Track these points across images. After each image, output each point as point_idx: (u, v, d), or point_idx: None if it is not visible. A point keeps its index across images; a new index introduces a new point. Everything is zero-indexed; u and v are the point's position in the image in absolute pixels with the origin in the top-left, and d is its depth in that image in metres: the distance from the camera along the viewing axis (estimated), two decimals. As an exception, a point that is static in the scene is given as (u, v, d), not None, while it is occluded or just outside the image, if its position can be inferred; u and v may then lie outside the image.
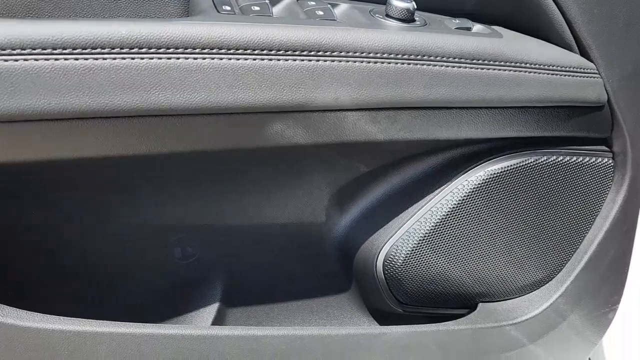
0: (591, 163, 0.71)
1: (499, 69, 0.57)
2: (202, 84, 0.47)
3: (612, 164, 0.72)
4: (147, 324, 0.57)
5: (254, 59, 0.48)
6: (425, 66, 0.54)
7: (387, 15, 0.58)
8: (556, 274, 0.76)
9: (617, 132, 0.70)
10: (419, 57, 0.53)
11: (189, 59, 0.46)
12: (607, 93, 0.66)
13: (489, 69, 0.57)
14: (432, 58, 0.54)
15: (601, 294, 0.79)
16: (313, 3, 0.57)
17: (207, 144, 0.51)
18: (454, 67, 0.55)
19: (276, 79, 0.49)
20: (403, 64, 0.53)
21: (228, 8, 0.52)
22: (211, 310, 0.72)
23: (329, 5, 0.56)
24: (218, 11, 0.51)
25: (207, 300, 0.72)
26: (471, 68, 0.56)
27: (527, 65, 0.59)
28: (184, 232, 0.68)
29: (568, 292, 0.76)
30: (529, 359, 0.78)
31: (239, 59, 0.48)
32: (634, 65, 0.67)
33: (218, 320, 0.72)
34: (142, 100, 0.45)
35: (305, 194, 0.69)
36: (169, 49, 0.45)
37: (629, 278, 0.82)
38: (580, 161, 0.70)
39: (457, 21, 0.61)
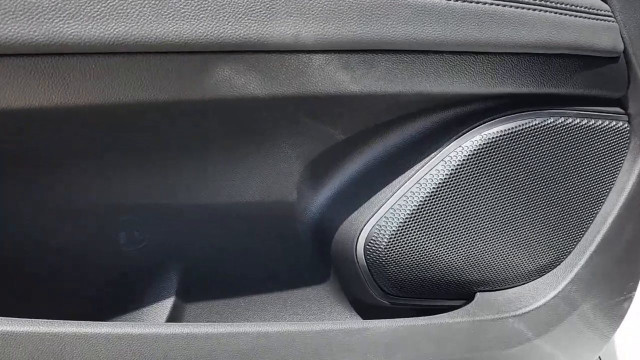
0: (604, 127, 0.61)
1: (499, 4, 0.47)
2: (117, 9, 0.36)
3: (628, 128, 0.62)
4: (88, 323, 0.47)
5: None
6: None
7: None
8: (565, 258, 0.66)
9: (634, 90, 0.61)
10: None
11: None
12: (624, 42, 0.57)
13: (486, 3, 0.47)
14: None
15: (616, 279, 0.69)
16: None
17: (133, 92, 0.41)
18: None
19: (218, 6, 0.39)
20: None
21: None
22: (166, 305, 0.61)
23: None
24: None
25: (161, 294, 0.62)
26: (464, 0, 0.45)
27: (532, 1, 0.49)
28: (129, 214, 0.58)
29: (579, 277, 0.66)
30: (534, 355, 0.68)
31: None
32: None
33: (174, 317, 0.61)
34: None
35: (272, 168, 0.59)
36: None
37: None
38: (592, 124, 0.60)
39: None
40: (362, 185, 0.60)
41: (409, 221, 0.57)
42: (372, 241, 0.58)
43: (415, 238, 0.58)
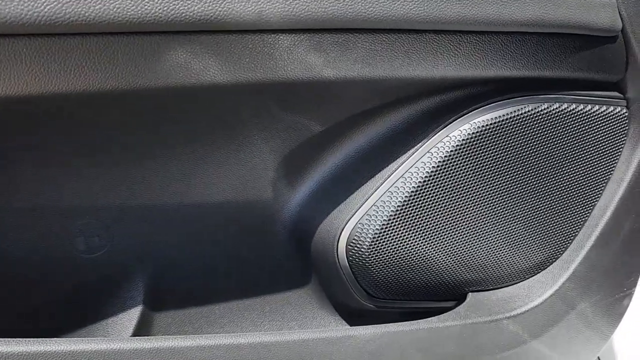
0: (601, 113, 0.57)
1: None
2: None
3: (626, 114, 0.58)
4: (41, 340, 0.42)
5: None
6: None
7: None
8: (561, 254, 0.62)
9: (633, 73, 0.56)
10: None
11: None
12: (622, 20, 0.52)
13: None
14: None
15: (615, 275, 0.65)
16: None
17: (72, 78, 0.36)
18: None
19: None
20: None
21: None
22: (132, 316, 0.56)
23: None
24: None
25: (127, 305, 0.57)
26: None
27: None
28: (87, 217, 0.53)
29: (576, 274, 0.62)
30: (530, 358, 0.64)
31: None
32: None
33: (142, 329, 0.57)
34: None
35: (244, 164, 0.54)
36: None
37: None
38: (588, 110, 0.56)
39: None
40: (343, 180, 0.55)
41: (393, 218, 0.53)
42: (354, 241, 0.54)
43: (401, 236, 0.54)
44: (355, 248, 0.54)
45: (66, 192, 0.50)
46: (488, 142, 0.53)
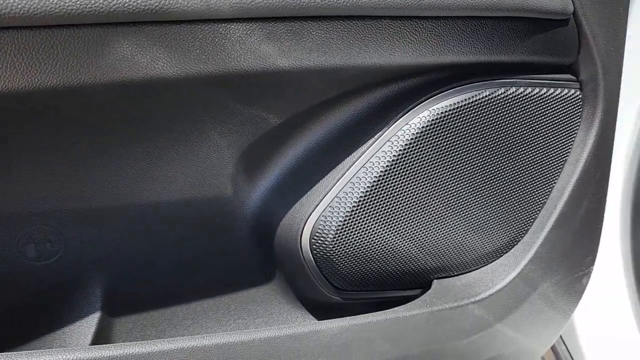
0: (556, 95, 0.57)
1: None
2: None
3: (580, 96, 0.59)
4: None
5: None
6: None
7: None
8: (522, 236, 0.63)
9: (585, 55, 0.57)
10: None
11: None
12: (573, 2, 0.53)
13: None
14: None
15: (575, 255, 0.66)
16: None
17: (7, 73, 0.33)
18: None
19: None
20: None
21: None
22: (90, 323, 0.54)
23: None
24: None
25: (84, 311, 0.54)
26: None
27: (475, -43, 0.44)
28: (36, 222, 0.50)
29: (537, 256, 0.62)
30: (496, 340, 0.65)
31: None
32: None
33: (101, 336, 0.54)
34: None
35: (201, 160, 0.52)
36: None
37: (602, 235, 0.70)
38: (544, 94, 0.57)
39: None
40: (303, 173, 0.54)
41: (356, 209, 0.52)
42: (317, 233, 0.53)
43: (364, 227, 0.53)
44: (319, 241, 0.53)
45: (10, 197, 0.47)
46: (447, 128, 0.52)
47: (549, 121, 0.58)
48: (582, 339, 0.85)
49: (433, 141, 0.52)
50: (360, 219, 0.53)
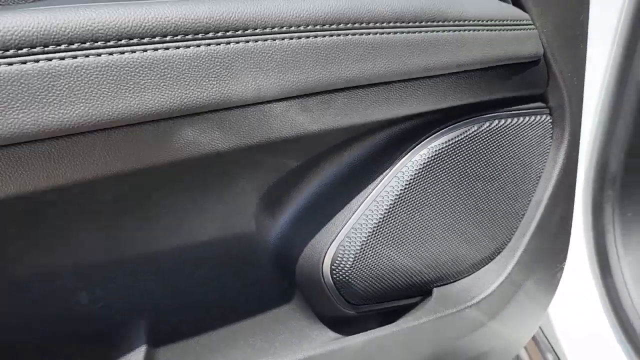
0: (531, 122, 0.66)
1: (440, 30, 0.49)
2: (75, 92, 0.34)
3: (550, 120, 0.68)
4: None
5: (144, 50, 0.36)
6: (358, 35, 0.45)
7: None
8: (507, 244, 0.71)
9: (553, 86, 0.66)
10: (349, 25, 0.44)
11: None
12: (542, 45, 0.61)
13: (428, 32, 0.49)
14: (364, 25, 0.45)
15: (551, 255, 0.76)
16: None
17: (91, 169, 0.39)
18: (390, 32, 0.46)
19: (177, 73, 0.38)
20: (332, 35, 0.43)
21: None
22: (137, 356, 0.59)
23: None
24: None
25: (132, 345, 0.60)
26: (409, 32, 0.47)
27: (468, 22, 0.52)
28: (89, 272, 0.55)
29: (521, 260, 0.72)
30: (488, 337, 0.74)
31: (123, 53, 0.35)
32: (566, 11, 0.62)
33: (148, 366, 0.60)
34: None
35: (229, 205, 0.58)
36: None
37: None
38: (521, 122, 0.65)
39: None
40: (320, 209, 0.61)
41: (371, 237, 0.59)
42: (337, 261, 0.60)
43: (378, 252, 0.60)
44: (339, 268, 0.60)
45: (66, 252, 0.52)
46: (444, 161, 0.60)
47: (526, 144, 0.67)
48: (556, 324, 0.95)
49: (433, 173, 0.60)
50: (374, 245, 0.60)
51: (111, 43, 0.35)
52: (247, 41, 0.40)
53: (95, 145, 0.37)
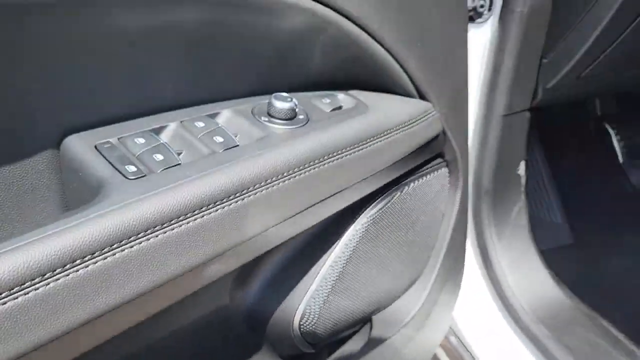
0: (435, 176, 0.83)
1: (377, 142, 0.63)
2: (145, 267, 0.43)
3: (447, 171, 0.86)
4: None
5: (187, 223, 0.45)
6: (325, 165, 0.57)
7: (270, 116, 0.58)
8: (423, 270, 0.89)
9: (448, 145, 0.83)
10: (321, 159, 0.56)
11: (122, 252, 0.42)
12: (442, 123, 0.78)
13: (369, 147, 0.62)
14: (330, 155, 0.57)
15: (455, 269, 0.96)
16: (201, 124, 0.54)
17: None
18: (349, 154, 0.59)
19: (206, 235, 0.47)
20: (311, 170, 0.55)
21: (133, 168, 0.47)
22: None
23: (223, 128, 0.54)
24: (124, 175, 0.46)
25: None
26: (351, 153, 0.60)
27: (395, 128, 0.66)
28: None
29: (436, 280, 0.90)
30: (414, 345, 0.92)
31: (173, 229, 0.44)
32: (452, 91, 0.79)
33: None
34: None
35: (205, 295, 0.68)
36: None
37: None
38: (426, 180, 0.82)
39: (328, 100, 0.64)
40: (287, 276, 0.73)
41: (330, 295, 0.73)
42: (305, 318, 0.73)
43: (336, 304, 0.74)
44: (307, 322, 0.73)
45: None
46: (378, 224, 0.75)
47: (432, 195, 0.84)
48: (456, 315, 1.18)
49: (371, 234, 0.75)
50: (333, 299, 0.74)
51: (170, 222, 0.44)
52: (255, 193, 0.51)
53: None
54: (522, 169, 1.19)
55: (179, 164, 0.49)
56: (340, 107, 0.65)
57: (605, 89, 1.31)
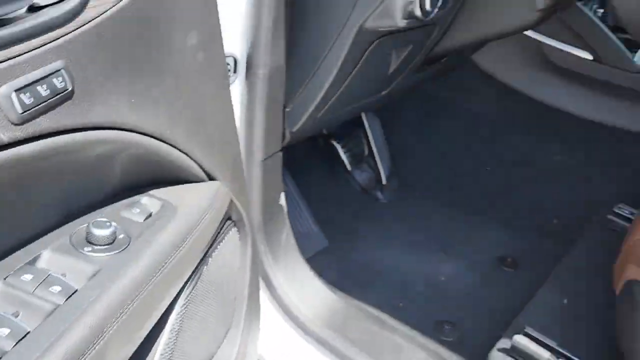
0: (228, 239, 0.93)
1: (190, 241, 0.70)
2: None
3: (237, 230, 0.96)
4: None
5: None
6: (152, 286, 0.62)
7: (92, 244, 0.60)
8: (230, 324, 0.99)
9: (234, 207, 0.94)
10: (148, 281, 0.61)
11: None
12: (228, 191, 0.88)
13: (184, 248, 0.69)
14: (155, 274, 0.62)
15: (256, 309, 1.08)
16: (29, 276, 0.53)
17: None
18: (170, 264, 0.65)
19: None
20: (144, 293, 0.60)
21: None
22: None
23: (56, 275, 0.54)
24: None
25: None
26: (172, 261, 0.66)
27: (200, 218, 0.73)
28: None
29: (244, 327, 1.01)
30: None
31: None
32: (231, 160, 0.90)
33: None
34: None
35: None
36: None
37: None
38: (224, 243, 0.91)
39: (137, 210, 0.68)
40: None
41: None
42: None
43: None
44: None
45: None
46: (193, 302, 0.82)
47: (228, 254, 0.94)
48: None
49: (189, 312, 0.81)
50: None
51: None
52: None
53: None
54: (282, 200, 1.37)
55: (28, 332, 0.48)
56: (150, 214, 0.69)
57: (335, 121, 1.59)
